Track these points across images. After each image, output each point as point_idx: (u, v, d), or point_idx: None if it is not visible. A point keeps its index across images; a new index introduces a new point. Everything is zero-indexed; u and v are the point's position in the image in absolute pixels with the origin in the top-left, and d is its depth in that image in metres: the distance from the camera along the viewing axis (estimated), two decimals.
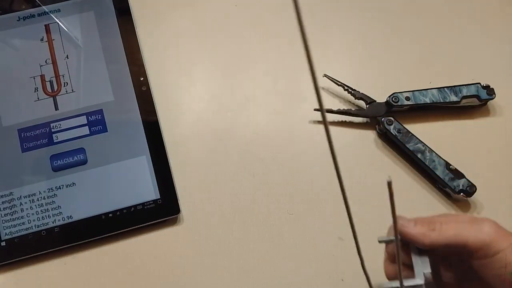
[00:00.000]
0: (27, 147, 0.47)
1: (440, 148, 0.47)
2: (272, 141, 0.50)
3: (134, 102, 0.49)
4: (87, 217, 0.45)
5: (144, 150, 0.47)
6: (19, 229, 0.44)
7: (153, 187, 0.46)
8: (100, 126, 0.48)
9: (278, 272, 0.45)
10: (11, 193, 0.45)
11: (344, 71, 0.52)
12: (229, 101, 0.51)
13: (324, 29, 0.54)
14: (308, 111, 0.50)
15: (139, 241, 0.46)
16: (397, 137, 0.47)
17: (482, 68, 0.52)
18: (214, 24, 0.54)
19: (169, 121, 0.50)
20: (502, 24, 0.55)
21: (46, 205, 0.45)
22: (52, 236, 0.44)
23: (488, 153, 0.49)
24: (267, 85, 0.52)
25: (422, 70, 0.53)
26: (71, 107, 0.48)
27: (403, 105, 0.48)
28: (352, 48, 0.54)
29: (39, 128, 0.47)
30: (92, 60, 0.50)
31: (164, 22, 0.54)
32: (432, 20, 0.55)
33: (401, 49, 0.54)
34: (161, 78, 0.51)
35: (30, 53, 0.50)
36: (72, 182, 0.46)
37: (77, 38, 0.51)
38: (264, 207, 0.47)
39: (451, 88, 0.49)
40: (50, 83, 0.49)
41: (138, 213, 0.45)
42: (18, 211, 0.45)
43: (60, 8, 0.52)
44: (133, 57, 0.50)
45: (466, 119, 0.50)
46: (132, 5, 0.53)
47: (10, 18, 0.51)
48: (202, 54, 0.53)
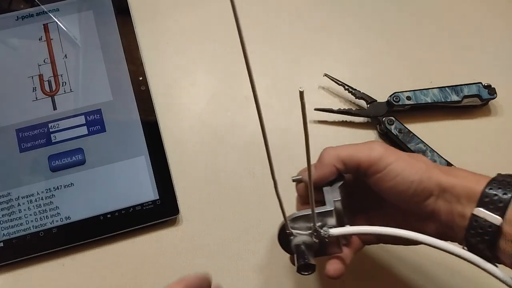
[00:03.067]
0: (25, 147, 0.46)
1: (441, 148, 0.47)
2: (272, 141, 0.49)
3: (133, 102, 0.48)
4: (85, 218, 0.45)
5: (143, 150, 0.47)
6: (17, 230, 0.44)
7: (152, 187, 0.46)
8: (98, 126, 0.47)
9: (277, 271, 0.44)
10: (8, 193, 0.45)
11: (344, 70, 0.52)
12: (228, 101, 0.51)
13: (325, 29, 0.54)
14: (308, 111, 0.49)
15: (137, 242, 0.45)
16: (398, 137, 0.47)
17: (484, 67, 0.52)
18: (213, 23, 0.54)
19: (168, 121, 0.49)
20: (503, 24, 0.55)
21: (44, 205, 0.45)
22: (50, 237, 0.44)
23: (489, 153, 0.49)
24: (267, 85, 0.52)
25: (423, 69, 0.52)
26: (69, 107, 0.48)
27: (404, 104, 0.48)
28: (352, 47, 0.54)
29: (37, 128, 0.47)
30: (91, 59, 0.50)
31: (163, 21, 0.54)
32: (433, 19, 0.55)
33: (402, 49, 0.53)
34: (160, 78, 0.51)
35: (29, 53, 0.50)
36: (70, 183, 0.46)
37: (75, 37, 0.51)
38: (264, 207, 0.46)
39: (452, 87, 0.49)
40: (49, 83, 0.49)
41: (136, 213, 0.45)
42: (16, 212, 0.45)
43: (58, 8, 0.52)
44: (132, 56, 0.50)
45: (467, 118, 0.50)
46: (131, 4, 0.53)
47: (9, 17, 0.51)
48: (202, 54, 0.53)
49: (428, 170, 0.33)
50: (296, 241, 0.34)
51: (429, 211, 0.33)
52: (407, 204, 0.34)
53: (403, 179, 0.33)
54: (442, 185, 0.32)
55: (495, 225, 0.29)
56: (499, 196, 0.30)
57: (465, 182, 0.32)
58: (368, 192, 0.36)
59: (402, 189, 0.33)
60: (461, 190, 0.31)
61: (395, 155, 0.34)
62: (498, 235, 0.29)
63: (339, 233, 0.33)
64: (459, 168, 0.34)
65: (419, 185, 0.32)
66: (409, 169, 0.33)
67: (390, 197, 0.34)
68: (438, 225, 0.33)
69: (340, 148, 0.35)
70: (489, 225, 0.29)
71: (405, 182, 0.33)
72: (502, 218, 0.29)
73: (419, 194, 0.33)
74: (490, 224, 0.29)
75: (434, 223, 0.34)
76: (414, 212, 0.34)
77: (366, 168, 0.34)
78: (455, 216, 0.32)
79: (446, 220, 0.32)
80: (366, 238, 0.38)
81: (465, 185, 0.32)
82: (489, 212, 0.29)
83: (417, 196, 0.33)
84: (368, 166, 0.34)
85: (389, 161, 0.33)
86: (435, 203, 0.33)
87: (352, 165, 0.34)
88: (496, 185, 0.30)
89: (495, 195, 0.30)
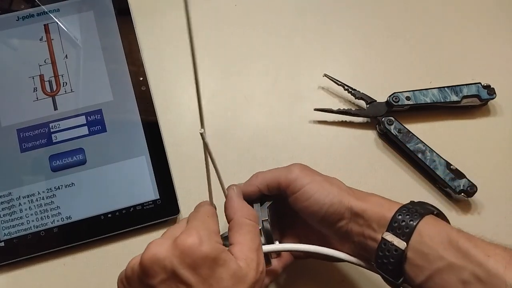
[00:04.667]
0: (26, 147, 0.47)
1: (441, 148, 0.47)
2: (272, 141, 0.50)
3: (133, 102, 0.49)
4: (86, 217, 0.45)
5: (144, 150, 0.47)
6: (18, 229, 0.44)
7: (153, 187, 0.46)
8: (99, 126, 0.48)
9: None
10: (10, 193, 0.45)
11: (344, 70, 0.52)
12: (229, 101, 0.51)
13: (325, 29, 0.54)
14: (308, 111, 0.50)
15: (138, 241, 0.45)
16: (397, 137, 0.47)
17: (483, 67, 0.52)
18: (214, 24, 0.54)
19: (169, 121, 0.50)
20: (502, 24, 0.55)
21: (45, 205, 0.45)
22: (51, 236, 0.44)
23: (489, 153, 0.49)
24: (266, 85, 0.52)
25: (422, 69, 0.52)
26: (70, 107, 0.48)
27: (403, 105, 0.48)
28: (352, 47, 0.54)
29: (38, 128, 0.47)
30: (91, 60, 0.50)
31: (163, 22, 0.54)
32: (433, 19, 0.55)
33: (402, 49, 0.53)
34: (160, 78, 0.51)
35: (29, 53, 0.50)
36: (71, 182, 0.46)
37: (76, 38, 0.51)
38: None
39: (452, 87, 0.49)
40: (49, 83, 0.49)
41: (137, 213, 0.45)
42: (17, 212, 0.45)
43: (59, 8, 0.52)
44: (132, 57, 0.50)
45: (467, 119, 0.50)
46: (131, 5, 0.53)
47: (9, 18, 0.51)
48: (202, 54, 0.53)
49: (340, 194, 0.35)
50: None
51: (342, 232, 0.35)
52: (321, 224, 0.36)
53: (316, 201, 0.35)
54: (353, 209, 0.34)
55: (400, 249, 0.31)
56: (406, 222, 0.32)
57: (377, 208, 0.34)
58: (292, 213, 0.38)
59: (314, 210, 0.35)
60: (373, 215, 0.34)
61: (309, 177, 0.36)
62: (404, 259, 0.32)
63: (267, 250, 0.35)
64: (373, 194, 0.36)
65: (330, 207, 0.35)
66: (321, 191, 0.35)
67: (306, 216, 0.36)
68: (353, 245, 0.36)
69: (267, 172, 0.38)
70: (395, 248, 0.32)
71: (317, 204, 0.35)
72: (407, 244, 0.31)
73: (330, 216, 0.35)
74: (396, 248, 0.32)
75: (349, 243, 0.36)
76: (330, 232, 0.36)
77: (285, 188, 0.36)
78: (367, 239, 0.34)
79: (359, 242, 0.35)
80: (296, 254, 0.39)
81: (377, 211, 0.34)
82: (395, 236, 0.32)
83: (329, 217, 0.35)
84: (286, 186, 0.36)
85: (304, 182, 0.35)
86: (347, 225, 0.35)
87: (274, 186, 0.37)
88: (405, 212, 0.33)
89: (403, 221, 0.32)
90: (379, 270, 0.33)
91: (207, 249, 0.29)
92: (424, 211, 0.33)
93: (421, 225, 0.32)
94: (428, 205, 0.35)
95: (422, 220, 0.32)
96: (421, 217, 0.32)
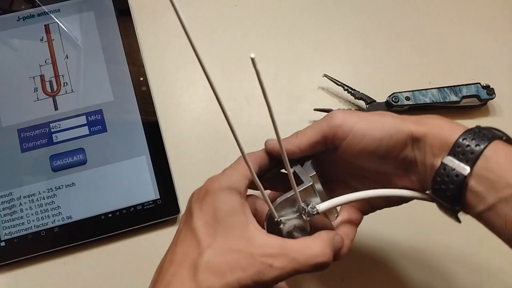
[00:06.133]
0: (27, 147, 0.47)
1: None
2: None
3: (133, 102, 0.49)
4: (86, 217, 0.45)
5: (144, 150, 0.47)
6: (19, 229, 0.44)
7: (153, 187, 0.46)
8: (99, 126, 0.48)
9: None
10: (10, 193, 0.45)
11: (344, 70, 0.52)
12: (229, 101, 0.51)
13: (324, 29, 0.54)
14: (308, 111, 0.50)
15: (138, 241, 0.46)
16: None
17: (482, 68, 0.52)
18: (214, 24, 0.54)
19: (169, 121, 0.50)
20: (502, 24, 0.55)
21: (46, 205, 0.45)
22: (51, 236, 0.44)
23: None
24: (266, 85, 0.52)
25: (422, 70, 0.53)
26: (70, 107, 0.48)
27: (403, 105, 0.48)
28: (352, 48, 0.54)
29: (38, 128, 0.47)
30: (92, 60, 0.50)
31: (164, 22, 0.54)
32: (432, 20, 0.55)
33: (401, 49, 0.54)
34: (161, 78, 0.51)
35: (30, 53, 0.50)
36: (72, 182, 0.46)
37: (76, 38, 0.51)
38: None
39: (451, 88, 0.49)
40: (50, 83, 0.49)
41: (137, 213, 0.45)
42: (18, 211, 0.45)
43: (60, 8, 0.52)
44: (133, 57, 0.50)
45: (466, 119, 0.50)
46: (132, 5, 0.53)
47: (10, 18, 0.51)
48: (202, 54, 0.53)
49: (395, 122, 0.31)
50: (287, 228, 0.32)
51: (407, 163, 0.32)
52: (384, 162, 0.32)
53: (372, 138, 0.31)
54: (414, 135, 0.31)
55: (462, 174, 0.28)
56: (471, 146, 0.29)
57: (438, 131, 0.30)
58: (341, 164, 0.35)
59: (373, 149, 0.31)
60: (434, 140, 0.30)
61: (355, 117, 0.32)
62: (465, 185, 0.29)
63: (328, 206, 0.31)
64: (432, 116, 0.32)
65: (390, 140, 0.31)
66: (374, 125, 0.31)
67: (364, 161, 0.33)
68: (418, 176, 0.32)
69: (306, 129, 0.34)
70: (456, 174, 0.28)
71: (374, 140, 0.31)
72: (471, 169, 0.28)
73: (392, 149, 0.31)
74: (458, 173, 0.28)
75: (415, 174, 0.32)
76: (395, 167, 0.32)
77: (332, 138, 0.32)
78: (427, 166, 0.31)
79: (422, 170, 0.31)
80: (362, 209, 0.36)
81: (438, 135, 0.30)
82: (458, 161, 0.29)
83: (391, 151, 0.31)
84: (333, 135, 0.32)
85: (351, 123, 0.31)
86: (412, 153, 0.31)
87: (318, 141, 0.33)
88: (471, 136, 0.29)
89: (468, 145, 0.29)
90: (434, 195, 0.30)
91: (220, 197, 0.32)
92: (493, 135, 0.29)
93: (488, 150, 0.28)
94: (497, 130, 0.31)
95: (490, 145, 0.28)
96: (489, 142, 0.29)
